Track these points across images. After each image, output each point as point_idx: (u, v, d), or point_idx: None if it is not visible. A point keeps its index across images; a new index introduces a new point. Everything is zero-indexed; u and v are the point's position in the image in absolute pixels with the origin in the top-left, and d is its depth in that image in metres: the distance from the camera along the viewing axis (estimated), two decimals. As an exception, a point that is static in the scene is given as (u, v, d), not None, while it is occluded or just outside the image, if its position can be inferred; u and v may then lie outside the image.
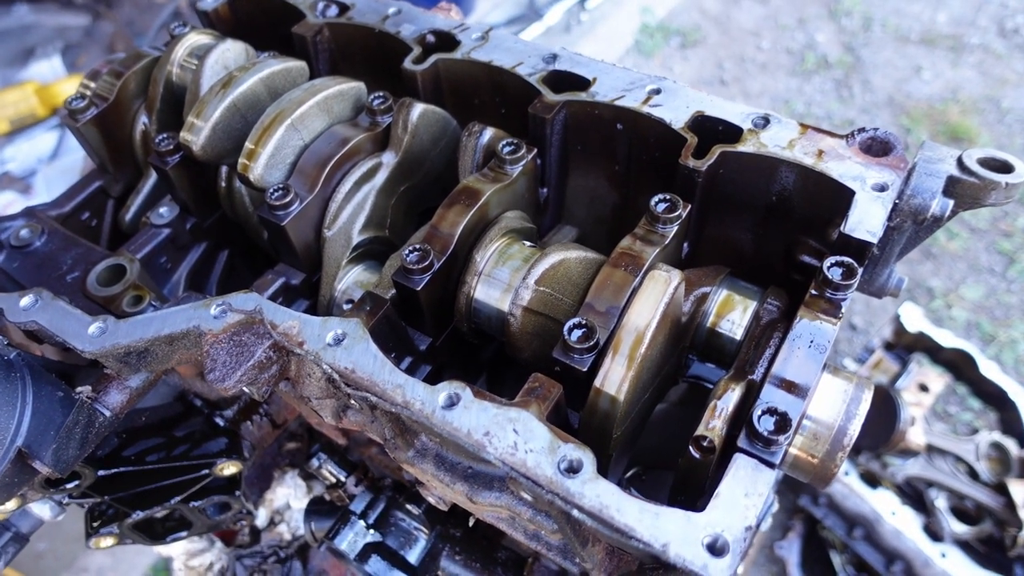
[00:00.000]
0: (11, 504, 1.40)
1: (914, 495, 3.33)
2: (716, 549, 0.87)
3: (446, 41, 1.57)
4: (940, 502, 3.19)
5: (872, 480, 3.31)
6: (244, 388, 1.14)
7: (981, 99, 5.95)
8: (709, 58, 6.70)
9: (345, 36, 1.67)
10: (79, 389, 1.24)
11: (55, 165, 5.24)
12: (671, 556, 0.87)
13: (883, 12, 6.87)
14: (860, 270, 1.09)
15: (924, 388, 3.44)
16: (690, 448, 1.02)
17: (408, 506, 1.62)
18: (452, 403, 1.02)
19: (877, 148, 1.26)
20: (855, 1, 6.98)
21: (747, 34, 6.87)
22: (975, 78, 6.15)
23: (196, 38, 1.65)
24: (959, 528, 3.14)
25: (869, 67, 6.37)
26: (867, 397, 1.09)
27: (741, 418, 1.06)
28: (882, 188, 1.17)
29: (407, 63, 1.52)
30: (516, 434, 0.98)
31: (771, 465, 0.94)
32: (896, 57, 6.44)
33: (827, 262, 1.09)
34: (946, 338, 3.51)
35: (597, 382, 1.05)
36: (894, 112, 5.95)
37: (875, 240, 1.12)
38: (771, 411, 0.97)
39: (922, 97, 6.04)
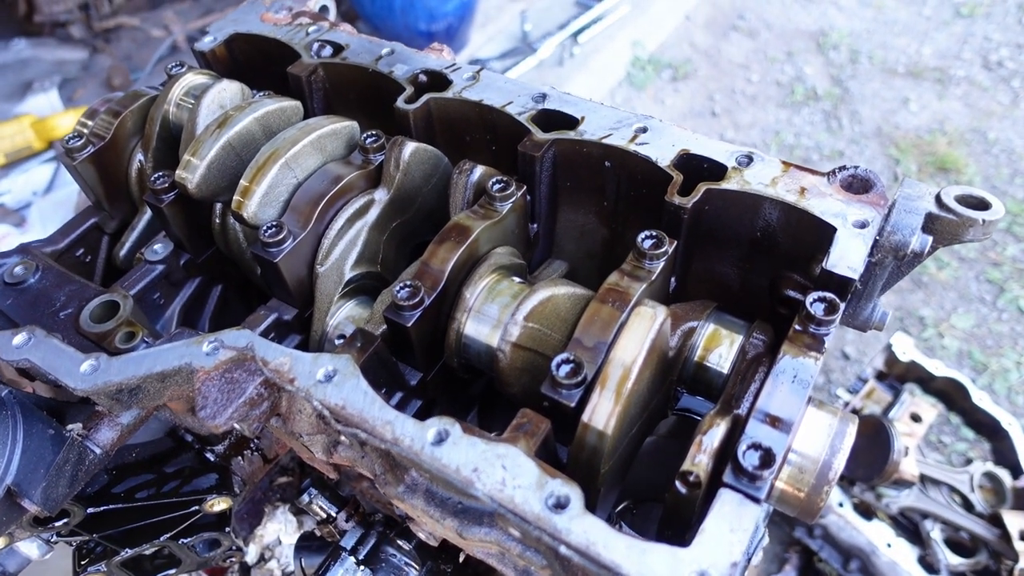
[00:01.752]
0: (-1, 542, 1.39)
1: (909, 526, 3.32)
2: (702, 585, 0.87)
3: (438, 81, 1.60)
4: (935, 533, 3.18)
5: (867, 512, 3.31)
6: (235, 425, 1.14)
7: (968, 130, 6.05)
8: (700, 90, 6.81)
9: (339, 76, 1.71)
10: (70, 427, 1.24)
11: (50, 198, 5.27)
12: (658, 593, 0.87)
13: (869, 45, 7.01)
14: (842, 305, 1.11)
15: (917, 418, 3.44)
16: (676, 483, 1.03)
17: (399, 541, 1.61)
18: (441, 439, 1.03)
19: (858, 185, 1.28)
20: (842, 35, 7.13)
21: (737, 67, 7.00)
22: (961, 110, 6.27)
23: (193, 78, 1.68)
24: (955, 560, 3.13)
25: (857, 99, 6.48)
26: (851, 431, 1.10)
27: (727, 453, 1.07)
28: (863, 225, 1.20)
29: (400, 102, 1.55)
30: (504, 470, 0.99)
31: (756, 500, 0.95)
32: (883, 89, 6.56)
33: (809, 298, 1.11)
34: (938, 367, 3.53)
35: (585, 417, 1.07)
36: (882, 143, 6.04)
37: (856, 276, 1.14)
38: (756, 446, 0.98)
39: (910, 128, 6.14)
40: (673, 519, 1.07)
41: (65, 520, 1.44)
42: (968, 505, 3.27)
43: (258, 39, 1.81)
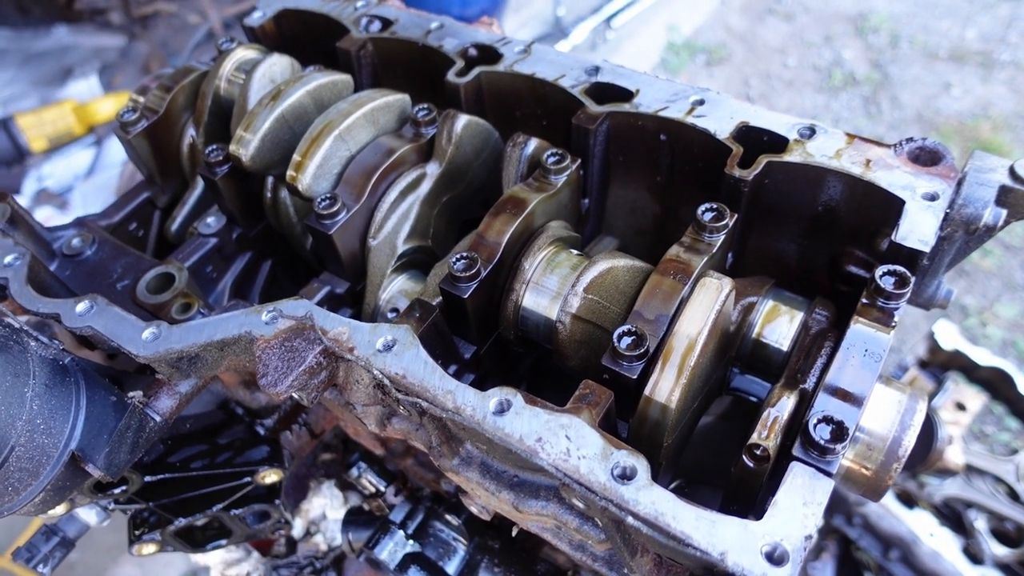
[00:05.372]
0: (60, 509, 1.42)
1: (952, 516, 3.26)
2: (775, 558, 0.86)
3: (489, 54, 1.59)
4: (980, 523, 3.11)
5: (909, 500, 3.24)
6: (294, 394, 1.15)
7: (1013, 116, 5.89)
8: (735, 75, 6.70)
9: (388, 50, 1.70)
10: (131, 394, 1.25)
11: (91, 181, 5.36)
12: (729, 565, 0.86)
13: (911, 29, 6.84)
14: (913, 279, 1.08)
15: (961, 407, 3.37)
16: (743, 457, 1.01)
17: (448, 516, 1.61)
18: (503, 409, 1.02)
19: (925, 158, 1.25)
20: (882, 18, 6.96)
21: (773, 51, 6.88)
22: (1006, 95, 6.09)
23: (243, 53, 1.69)
24: (1000, 550, 3.06)
25: (897, 84, 6.33)
26: (921, 408, 1.08)
27: (793, 428, 1.05)
28: (932, 197, 1.17)
29: (450, 76, 1.54)
30: (568, 440, 0.98)
31: (829, 474, 0.93)
32: (925, 73, 6.40)
33: (879, 271, 1.08)
34: (982, 356, 3.44)
35: (647, 391, 1.05)
36: (923, 129, 5.90)
37: (927, 249, 1.11)
38: (827, 420, 0.96)
39: (952, 114, 5.99)
40: (738, 493, 1.05)
41: (124, 487, 1.46)
42: (1014, 495, 3.19)
43: (306, 14, 1.81)
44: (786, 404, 1.03)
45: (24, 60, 6.22)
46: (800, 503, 0.90)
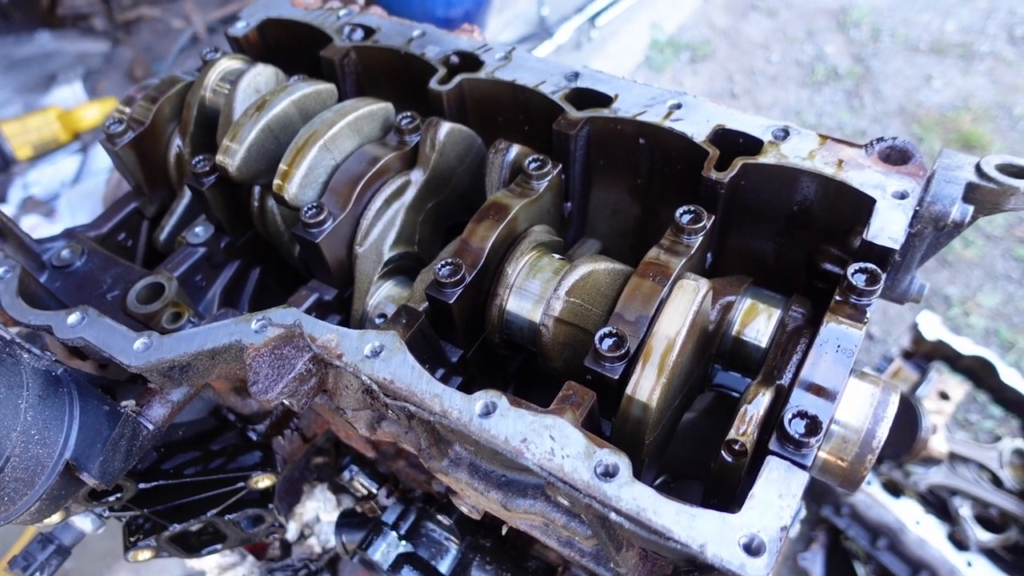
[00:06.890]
0: (56, 517, 1.43)
1: (938, 504, 3.32)
2: (752, 549, 0.89)
3: (470, 61, 1.61)
4: (964, 510, 3.17)
5: (895, 489, 3.30)
6: (284, 400, 1.17)
7: (993, 106, 5.96)
8: (719, 72, 6.75)
9: (371, 59, 1.72)
10: (123, 403, 1.27)
11: (78, 189, 5.34)
12: (708, 556, 0.89)
13: (892, 22, 6.90)
14: (884, 276, 1.11)
15: (945, 396, 3.43)
16: (722, 452, 1.05)
17: (439, 516, 1.64)
18: (488, 411, 1.05)
19: (896, 157, 1.28)
20: (863, 12, 7.02)
21: (756, 47, 6.92)
22: (986, 86, 6.16)
23: (228, 63, 1.70)
24: (984, 536, 3.12)
25: (879, 77, 6.39)
26: (894, 400, 1.11)
27: (771, 423, 1.08)
28: (902, 196, 1.20)
29: (433, 83, 1.57)
30: (553, 440, 1.01)
31: (803, 467, 0.96)
32: (906, 66, 6.47)
33: (851, 269, 1.12)
34: (965, 346, 3.50)
35: (629, 390, 1.08)
36: (905, 121, 5.97)
37: (897, 246, 1.15)
38: (801, 414, 0.99)
39: (933, 106, 6.05)
40: (719, 488, 1.09)
41: (118, 495, 1.48)
42: (997, 482, 3.25)
43: (290, 24, 1.83)
44: (762, 400, 1.06)
45: (7, 67, 6.20)
46: (776, 495, 0.94)
